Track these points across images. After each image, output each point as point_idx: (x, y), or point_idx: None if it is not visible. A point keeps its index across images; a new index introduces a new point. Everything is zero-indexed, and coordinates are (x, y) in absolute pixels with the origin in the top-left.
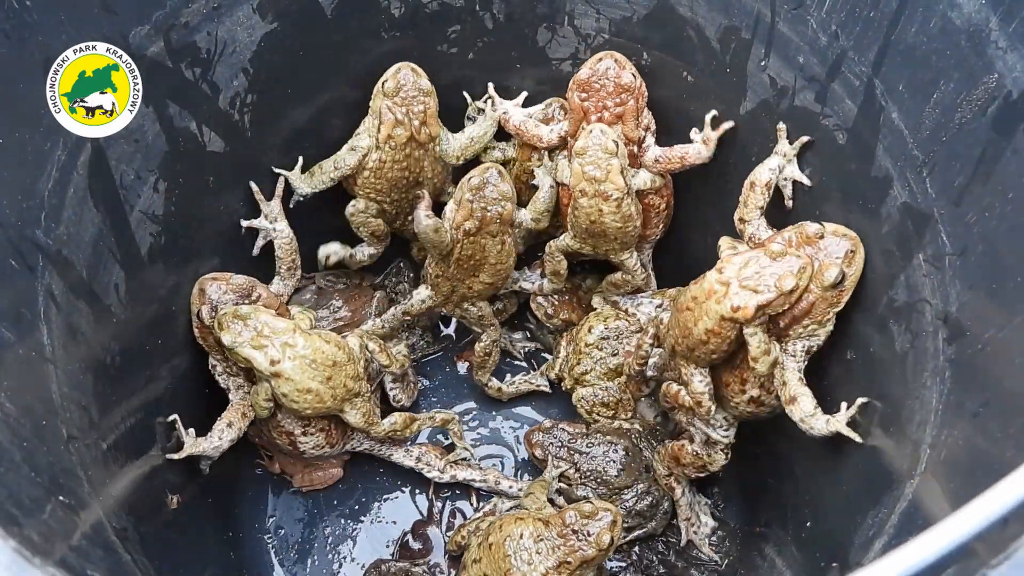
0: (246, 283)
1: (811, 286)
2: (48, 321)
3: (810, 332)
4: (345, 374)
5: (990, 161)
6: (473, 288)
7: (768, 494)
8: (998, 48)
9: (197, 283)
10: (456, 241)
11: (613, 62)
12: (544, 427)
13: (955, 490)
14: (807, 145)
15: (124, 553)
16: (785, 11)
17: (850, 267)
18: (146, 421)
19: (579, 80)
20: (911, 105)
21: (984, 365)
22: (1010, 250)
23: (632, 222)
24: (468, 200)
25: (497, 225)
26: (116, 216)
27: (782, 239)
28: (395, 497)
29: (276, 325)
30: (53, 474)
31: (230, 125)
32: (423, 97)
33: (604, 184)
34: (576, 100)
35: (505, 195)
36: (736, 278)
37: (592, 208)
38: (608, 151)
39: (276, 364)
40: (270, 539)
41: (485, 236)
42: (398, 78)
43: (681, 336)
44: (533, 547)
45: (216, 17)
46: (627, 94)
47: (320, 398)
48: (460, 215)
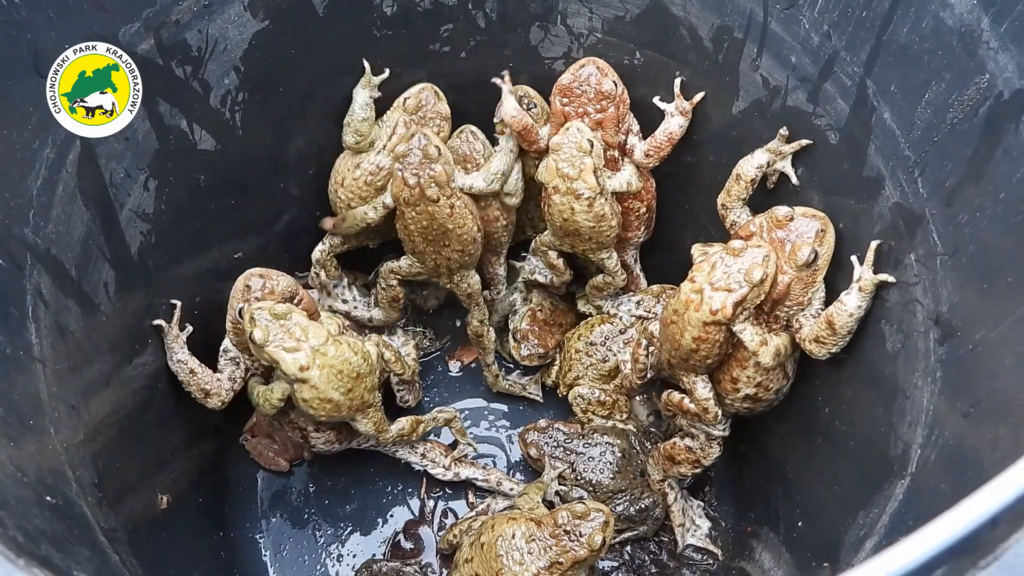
0: (292, 285)
1: (786, 267)
2: (36, 320)
3: (795, 313)
4: (364, 386)
5: (981, 161)
6: (452, 259)
7: (759, 495)
8: (990, 48)
9: (242, 277)
10: (401, 216)
11: (595, 69)
12: (539, 426)
13: (946, 491)
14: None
15: (112, 553)
16: (778, 11)
17: (822, 246)
18: (136, 420)
19: (561, 85)
20: (903, 105)
21: (975, 365)
22: (1001, 250)
23: (606, 222)
24: (398, 169)
25: (435, 190)
26: (106, 215)
27: (754, 225)
28: (387, 497)
29: (312, 331)
30: (40, 474)
31: (221, 123)
32: (440, 121)
33: (576, 182)
34: (558, 105)
35: (432, 157)
36: (707, 283)
37: (564, 206)
38: (582, 149)
39: (305, 371)
40: (261, 538)
41: (428, 203)
42: (420, 97)
43: (673, 349)
44: (525, 547)
45: (207, 15)
46: (607, 101)
47: (338, 408)
48: (395, 188)
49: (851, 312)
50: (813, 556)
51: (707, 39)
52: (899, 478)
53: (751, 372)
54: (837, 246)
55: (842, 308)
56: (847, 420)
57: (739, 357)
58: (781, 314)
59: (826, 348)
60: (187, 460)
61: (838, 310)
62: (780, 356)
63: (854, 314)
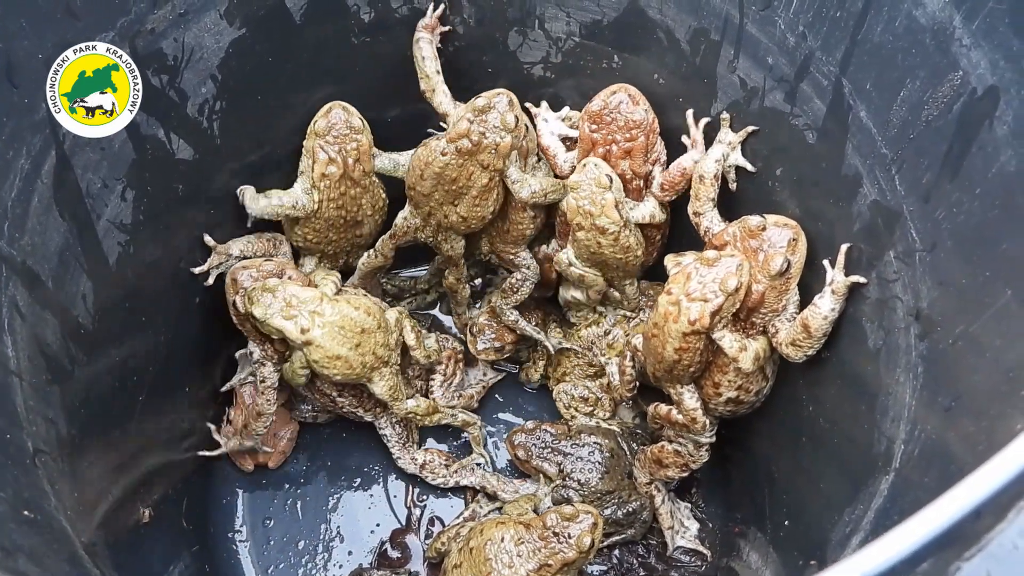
0: (275, 267)
1: (760, 276)
2: (12, 333)
3: (771, 319)
4: (375, 341)
5: (957, 158)
6: (449, 218)
7: (746, 495)
8: (962, 45)
9: (228, 273)
10: (445, 152)
11: (627, 96)
12: (527, 428)
13: (929, 484)
14: (777, 145)
15: (92, 568)
16: (753, 12)
17: (794, 255)
18: (116, 433)
19: (590, 111)
20: (879, 103)
21: (956, 360)
22: (978, 245)
23: (632, 252)
24: (468, 119)
25: (490, 156)
26: (83, 225)
27: (727, 235)
28: (372, 505)
29: (303, 295)
30: (17, 488)
31: (199, 133)
32: (355, 135)
33: (599, 219)
34: (586, 131)
35: (508, 126)
36: (683, 294)
37: (590, 241)
38: (601, 185)
39: (306, 332)
40: (245, 547)
41: (475, 164)
42: (329, 117)
43: (656, 361)
44: (514, 550)
45: (183, 23)
46: (637, 130)
47: (349, 364)
48: (456, 130)
49: (825, 315)
50: (800, 554)
51: (684, 42)
52: (883, 474)
53: (732, 376)
54: (818, 244)
55: (816, 311)
56: (830, 418)
57: (719, 363)
58: (757, 320)
59: (802, 351)
60: (169, 472)
61: (812, 313)
62: (759, 360)
63: (828, 317)
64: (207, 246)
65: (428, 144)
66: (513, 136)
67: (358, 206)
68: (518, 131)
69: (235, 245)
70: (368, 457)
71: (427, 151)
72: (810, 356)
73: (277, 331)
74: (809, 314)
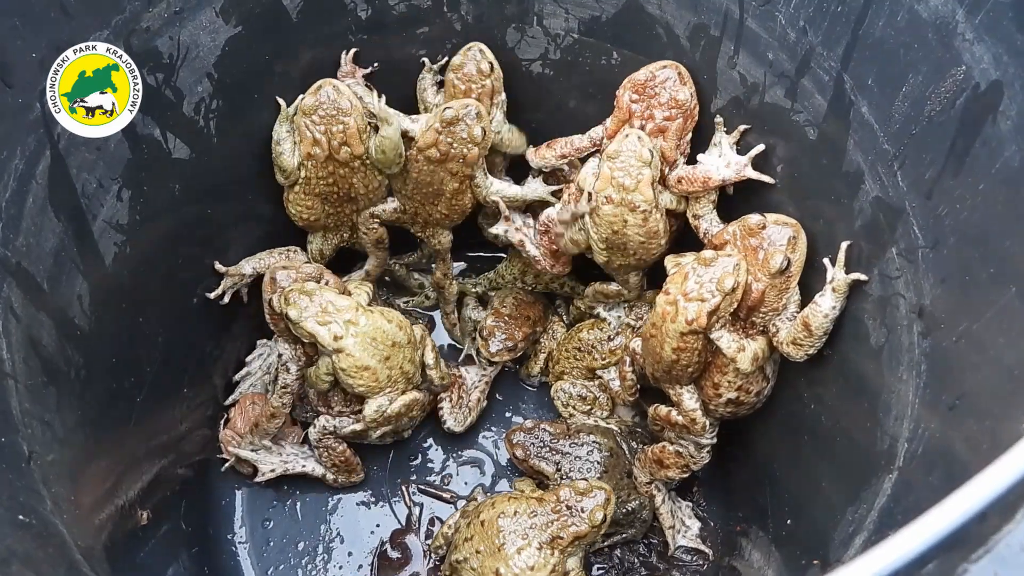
0: (315, 270)
1: (760, 275)
2: (7, 335)
3: (771, 318)
4: (403, 356)
5: (960, 153)
6: (432, 215)
7: (747, 494)
8: (965, 40)
9: (268, 272)
10: (414, 160)
11: (676, 74)
12: (525, 427)
13: (933, 483)
14: (778, 141)
15: (90, 572)
16: (754, 7)
17: (794, 253)
18: (113, 436)
19: (634, 80)
20: (880, 99)
21: (959, 358)
22: (981, 242)
23: (656, 239)
24: (436, 130)
25: (458, 164)
26: (78, 226)
27: (727, 234)
28: (372, 506)
29: (340, 303)
30: (13, 491)
31: (195, 132)
32: (342, 117)
33: (633, 194)
34: (625, 100)
35: (475, 139)
36: (681, 294)
37: (616, 218)
38: (642, 159)
39: (339, 340)
40: (245, 549)
41: (445, 171)
42: (317, 96)
43: (655, 362)
44: (528, 522)
45: (178, 21)
46: (678, 110)
47: (375, 376)
48: (425, 140)
49: (826, 313)
50: (803, 553)
51: (684, 37)
52: (886, 473)
53: (731, 377)
54: (819, 242)
55: (817, 310)
56: (832, 416)
57: (719, 363)
58: (757, 320)
59: (803, 350)
60: (168, 474)
61: (813, 312)
62: (758, 360)
63: (829, 315)
64: (206, 245)
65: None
66: (480, 147)
67: (349, 184)
68: (485, 142)
69: (247, 264)
70: (368, 457)
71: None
72: (811, 355)
73: (309, 335)
74: (810, 312)
